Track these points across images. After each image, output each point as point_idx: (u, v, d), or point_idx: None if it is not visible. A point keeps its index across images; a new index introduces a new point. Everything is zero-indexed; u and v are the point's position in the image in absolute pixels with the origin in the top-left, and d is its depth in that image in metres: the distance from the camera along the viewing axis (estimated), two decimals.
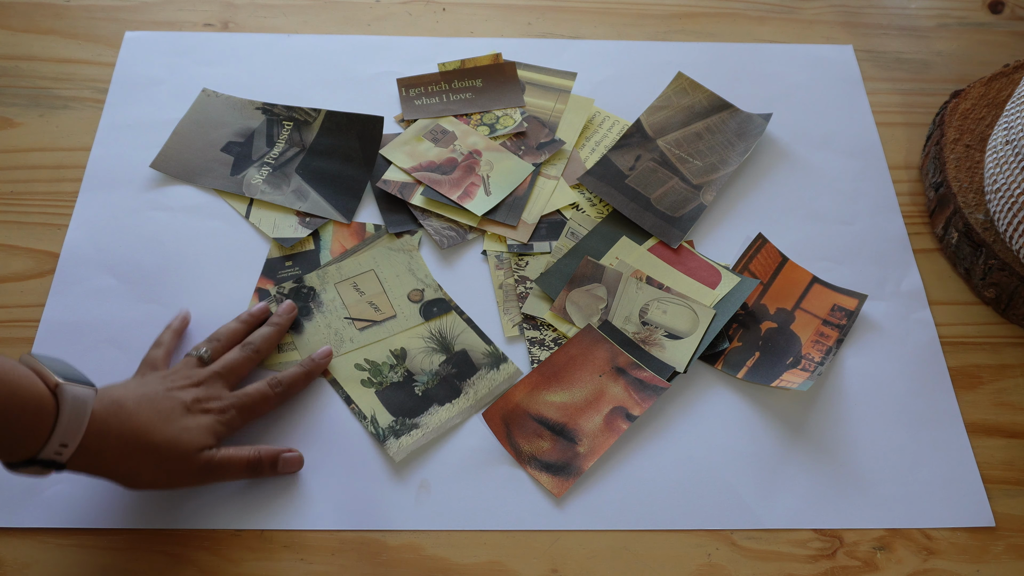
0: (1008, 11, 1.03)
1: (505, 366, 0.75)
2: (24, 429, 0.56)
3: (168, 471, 0.64)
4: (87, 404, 0.58)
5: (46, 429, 0.57)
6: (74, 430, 0.58)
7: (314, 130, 0.88)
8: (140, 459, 0.62)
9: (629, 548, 0.68)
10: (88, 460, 0.60)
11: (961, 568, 0.68)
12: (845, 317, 0.79)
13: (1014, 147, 0.77)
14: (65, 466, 0.59)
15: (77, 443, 0.58)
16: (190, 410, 0.66)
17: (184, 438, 0.64)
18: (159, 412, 0.64)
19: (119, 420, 0.61)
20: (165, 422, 0.63)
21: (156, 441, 0.62)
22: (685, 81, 0.93)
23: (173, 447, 0.63)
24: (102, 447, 0.60)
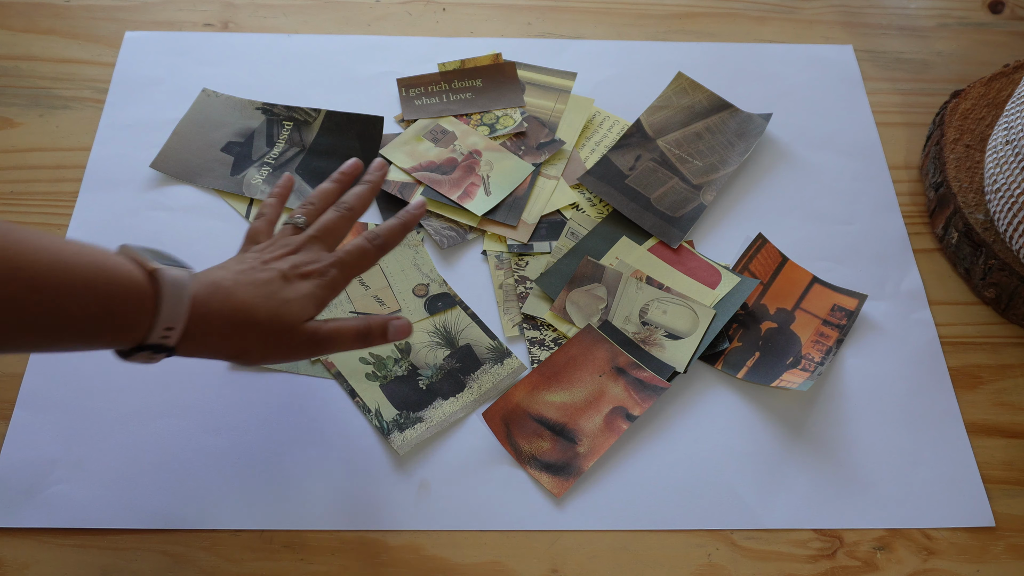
0: (1008, 11, 1.03)
1: (509, 361, 0.75)
2: (127, 316, 0.56)
3: (275, 345, 0.63)
4: (186, 286, 0.58)
5: (149, 314, 0.57)
6: (177, 313, 0.57)
7: (314, 130, 0.88)
8: (246, 336, 0.61)
9: (629, 548, 0.68)
10: (195, 343, 0.60)
11: (961, 568, 0.68)
12: (845, 317, 0.79)
13: (1014, 147, 0.77)
14: (175, 350, 0.59)
15: (182, 325, 0.58)
16: (288, 278, 0.64)
17: (285, 311, 0.62)
18: (258, 286, 0.62)
19: (219, 300, 0.61)
20: (265, 297, 0.62)
21: (258, 318, 0.61)
22: (685, 81, 0.93)
23: (276, 321, 0.62)
24: (207, 329, 0.60)
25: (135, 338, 0.57)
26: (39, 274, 0.52)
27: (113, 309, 0.55)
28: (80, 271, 0.54)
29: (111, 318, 0.55)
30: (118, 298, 0.55)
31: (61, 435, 0.71)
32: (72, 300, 0.54)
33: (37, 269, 0.52)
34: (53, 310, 0.53)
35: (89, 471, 0.69)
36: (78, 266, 0.54)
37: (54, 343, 0.55)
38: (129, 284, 0.56)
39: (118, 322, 0.56)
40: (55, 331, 0.54)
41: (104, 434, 0.71)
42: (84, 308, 0.54)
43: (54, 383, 0.73)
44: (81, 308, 0.54)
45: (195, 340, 0.59)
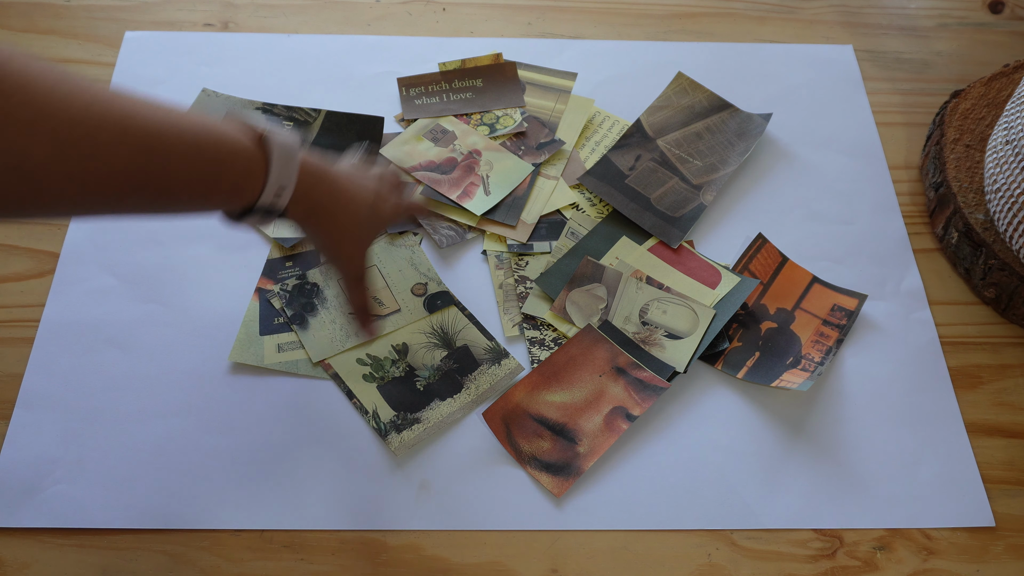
0: (1008, 11, 1.03)
1: (507, 361, 0.75)
2: (239, 177, 0.57)
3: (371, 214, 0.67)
4: (295, 148, 0.59)
5: (260, 175, 0.58)
6: (288, 172, 0.59)
7: (314, 130, 0.88)
8: (346, 205, 0.64)
9: (629, 548, 0.68)
10: (302, 207, 0.61)
11: (961, 568, 0.68)
12: (845, 317, 0.79)
13: (1014, 147, 0.77)
14: (285, 213, 0.61)
15: (293, 185, 0.59)
16: (376, 195, 0.68)
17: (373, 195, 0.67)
18: (355, 177, 0.67)
19: (325, 167, 0.63)
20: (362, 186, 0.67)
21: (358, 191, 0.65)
22: (685, 81, 0.93)
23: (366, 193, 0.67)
24: (313, 193, 0.61)
25: (247, 199, 0.58)
26: (148, 137, 0.52)
27: (223, 171, 0.56)
28: (190, 134, 0.54)
29: (222, 180, 0.56)
30: (228, 160, 0.56)
31: (61, 435, 0.71)
32: (182, 162, 0.54)
33: (146, 132, 0.52)
34: (164, 173, 0.53)
35: (89, 471, 0.69)
36: (188, 130, 0.54)
37: (166, 205, 0.55)
38: (239, 146, 0.57)
39: (229, 184, 0.57)
40: (166, 194, 0.54)
41: (104, 434, 0.71)
42: (195, 170, 0.54)
43: (54, 383, 0.73)
44: (192, 170, 0.54)
45: (301, 204, 0.61)
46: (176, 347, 0.75)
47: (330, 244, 0.66)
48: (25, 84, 0.46)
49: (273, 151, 0.58)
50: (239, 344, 0.75)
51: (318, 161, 0.63)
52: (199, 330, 0.76)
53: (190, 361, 0.75)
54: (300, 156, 0.60)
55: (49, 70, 0.49)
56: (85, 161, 0.49)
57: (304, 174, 0.60)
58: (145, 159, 0.52)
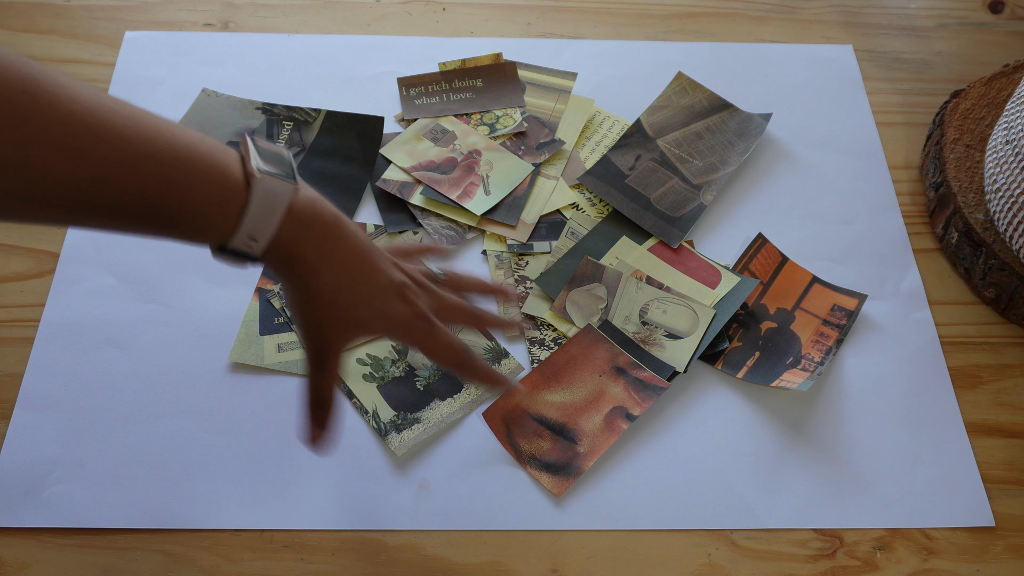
0: (1008, 11, 1.03)
1: (507, 361, 0.75)
2: (210, 214, 0.52)
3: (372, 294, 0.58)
4: (281, 201, 0.53)
5: (233, 219, 0.52)
6: (266, 222, 0.53)
7: (314, 130, 0.88)
8: (341, 268, 0.57)
9: (629, 548, 0.68)
10: (280, 254, 0.55)
11: (961, 568, 0.68)
12: (845, 317, 0.79)
13: (1014, 147, 0.77)
14: (261, 260, 0.55)
15: (267, 239, 0.54)
16: (394, 288, 0.59)
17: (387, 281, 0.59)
18: (370, 251, 0.59)
19: (334, 223, 0.56)
20: (373, 263, 0.58)
21: (364, 264, 0.58)
22: (685, 81, 0.93)
23: (377, 272, 0.58)
24: (303, 242, 0.55)
25: (218, 237, 0.53)
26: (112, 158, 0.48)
27: (190, 208, 0.51)
28: (165, 160, 0.50)
29: (188, 216, 0.52)
30: (199, 197, 0.51)
31: (61, 435, 0.71)
32: (146, 193, 0.49)
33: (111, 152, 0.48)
34: (123, 199, 0.49)
35: (89, 471, 0.69)
36: (162, 155, 0.50)
37: (122, 229, 0.52)
38: (216, 184, 0.52)
39: (196, 221, 0.52)
40: (123, 219, 0.50)
41: (104, 434, 0.71)
42: (158, 202, 0.50)
43: (54, 383, 0.73)
44: (155, 202, 0.50)
45: (279, 251, 0.55)
46: (176, 347, 0.75)
47: (297, 305, 0.58)
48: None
49: (254, 197, 0.52)
50: (239, 344, 0.75)
51: (327, 210, 0.56)
52: (199, 330, 0.76)
53: (190, 361, 0.75)
54: (290, 203, 0.54)
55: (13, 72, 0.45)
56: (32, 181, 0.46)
57: (296, 221, 0.54)
58: (105, 182, 0.48)
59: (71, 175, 0.47)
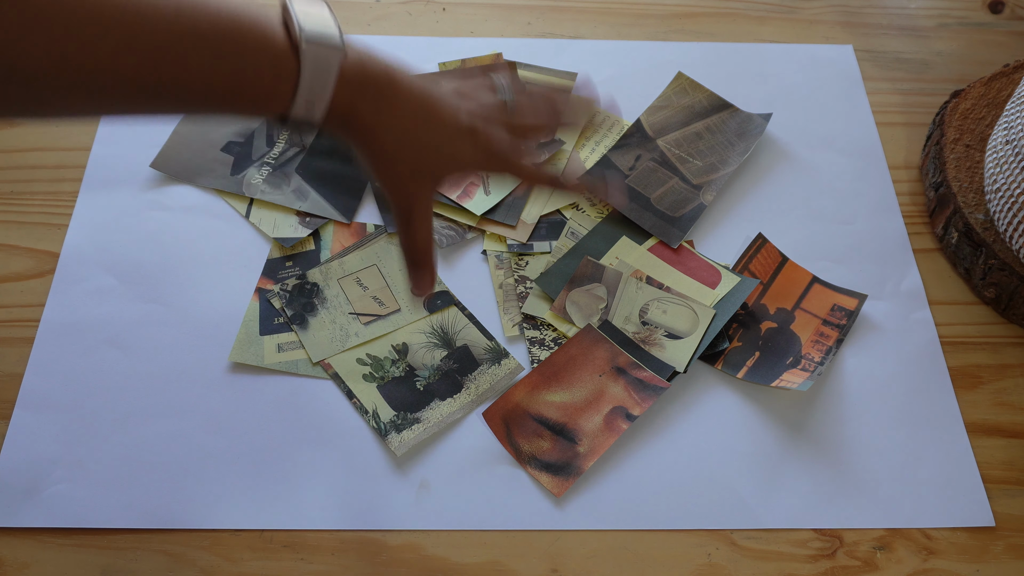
0: (1008, 11, 1.03)
1: (507, 361, 0.75)
2: (265, 89, 0.52)
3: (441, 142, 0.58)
4: (334, 55, 0.53)
5: (290, 87, 0.52)
6: (321, 85, 0.53)
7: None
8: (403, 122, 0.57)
9: (629, 548, 0.68)
10: (340, 119, 0.55)
11: (961, 568, 0.68)
12: (845, 317, 0.79)
13: (1014, 147, 0.77)
14: (322, 126, 0.55)
15: (328, 99, 0.54)
16: (463, 132, 0.59)
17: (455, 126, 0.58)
18: (432, 98, 0.58)
19: (388, 75, 0.56)
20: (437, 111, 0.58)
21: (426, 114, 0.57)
22: (685, 81, 0.93)
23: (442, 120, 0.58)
24: (361, 103, 0.55)
25: (278, 109, 0.53)
26: (162, 41, 0.47)
27: (245, 82, 0.51)
28: (212, 36, 0.49)
29: (244, 92, 0.51)
30: (252, 71, 0.51)
31: (61, 435, 0.71)
32: (199, 70, 0.49)
33: (159, 35, 0.47)
34: (178, 80, 0.49)
35: (89, 471, 0.69)
36: (209, 30, 0.49)
37: (187, 110, 0.52)
38: (267, 54, 0.51)
39: (252, 95, 0.52)
40: (184, 101, 0.50)
41: (104, 434, 0.71)
42: (214, 79, 0.50)
43: (54, 383, 0.73)
44: (211, 78, 0.50)
45: (339, 117, 0.55)
46: (176, 347, 0.75)
47: (368, 166, 0.58)
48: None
49: (305, 66, 0.52)
50: (239, 344, 0.75)
51: (378, 67, 0.56)
52: (199, 330, 0.76)
53: (190, 361, 0.75)
54: (340, 67, 0.53)
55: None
56: (89, 69, 0.45)
57: (347, 85, 0.54)
58: (156, 66, 0.47)
59: (121, 61, 0.47)
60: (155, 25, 0.47)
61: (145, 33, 0.47)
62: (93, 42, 0.45)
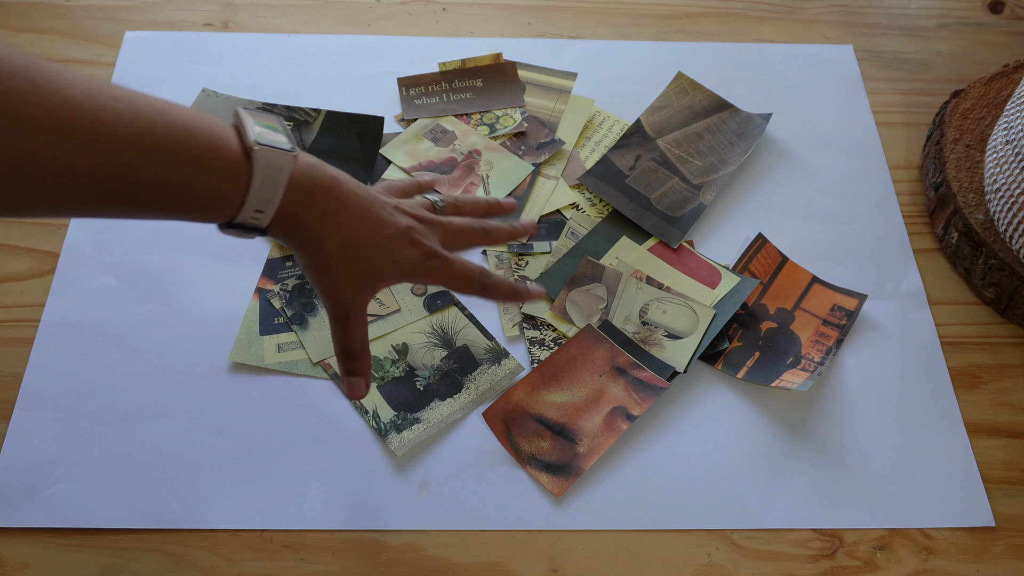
0: (1008, 11, 1.03)
1: (507, 361, 0.75)
2: (216, 191, 0.53)
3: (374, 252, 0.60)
4: (284, 170, 0.54)
5: (239, 193, 0.54)
6: (271, 193, 0.54)
7: (314, 130, 0.88)
8: (347, 228, 0.58)
9: (629, 548, 0.68)
10: (287, 224, 0.56)
11: (961, 568, 0.68)
12: (845, 317, 0.79)
13: (1014, 147, 0.77)
14: (267, 231, 0.56)
15: (276, 206, 0.55)
16: (400, 234, 0.61)
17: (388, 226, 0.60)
18: (372, 204, 0.60)
19: (324, 191, 0.57)
20: (375, 212, 0.59)
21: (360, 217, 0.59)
22: (685, 81, 0.93)
23: (382, 224, 0.59)
24: (307, 209, 0.56)
25: (225, 214, 0.54)
26: (118, 148, 0.48)
27: (197, 189, 0.52)
28: (167, 144, 0.50)
29: (195, 198, 0.53)
30: (204, 175, 0.52)
31: (61, 435, 0.71)
32: (153, 177, 0.50)
33: (116, 142, 0.48)
34: (132, 186, 0.50)
35: (89, 471, 0.69)
36: (164, 138, 0.50)
37: (137, 214, 0.52)
38: (219, 161, 0.53)
39: (204, 199, 0.53)
40: (135, 205, 0.51)
41: (104, 434, 0.71)
42: (167, 185, 0.51)
43: (54, 383, 0.73)
44: (164, 185, 0.51)
45: (285, 222, 0.56)
46: (176, 347, 0.75)
47: (310, 269, 0.60)
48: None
49: (257, 170, 0.54)
50: (239, 344, 0.75)
51: (325, 174, 0.58)
52: (199, 330, 0.76)
53: (190, 361, 0.75)
54: (291, 173, 0.55)
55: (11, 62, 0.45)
56: (45, 168, 0.46)
57: (297, 190, 0.56)
58: (113, 168, 0.49)
59: (79, 161, 0.47)
60: (113, 128, 0.48)
61: (103, 136, 0.48)
62: (51, 142, 0.46)
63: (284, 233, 0.57)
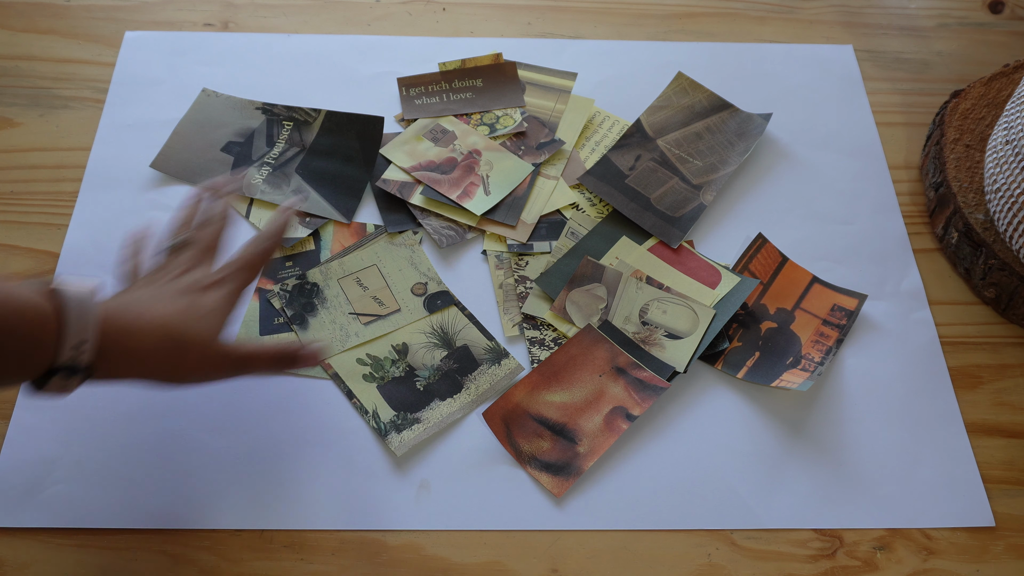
0: (1008, 11, 1.03)
1: (507, 361, 0.75)
2: (33, 339, 0.53)
3: (197, 362, 0.61)
4: (91, 298, 0.56)
5: (53, 333, 0.54)
6: (85, 325, 0.55)
7: (314, 130, 0.88)
8: (165, 353, 0.59)
9: (629, 548, 0.68)
10: (110, 363, 0.57)
11: (961, 568, 0.68)
12: (845, 317, 0.79)
13: (1014, 147, 0.77)
14: (91, 372, 0.56)
15: (94, 338, 0.55)
16: (197, 291, 0.62)
17: (203, 325, 0.61)
18: (174, 299, 0.61)
19: (134, 315, 0.59)
20: (183, 310, 0.60)
21: (177, 331, 0.59)
22: (685, 81, 0.93)
23: (194, 335, 0.60)
24: (121, 347, 0.57)
25: (44, 362, 0.54)
26: None
27: (12, 335, 0.53)
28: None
29: (13, 343, 0.53)
30: (16, 326, 0.53)
31: (61, 435, 0.71)
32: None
33: None
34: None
35: (89, 471, 0.69)
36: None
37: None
38: (28, 308, 0.53)
39: (23, 346, 0.53)
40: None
41: (104, 434, 0.71)
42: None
43: None
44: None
45: (110, 359, 0.57)
46: None
47: (156, 382, 0.61)
48: None
49: (68, 304, 0.54)
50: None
51: (123, 306, 0.59)
52: None
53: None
54: (98, 305, 0.56)
55: None
56: None
57: (107, 326, 0.56)
58: None
59: None
60: None
61: None
62: None
63: (112, 365, 0.57)
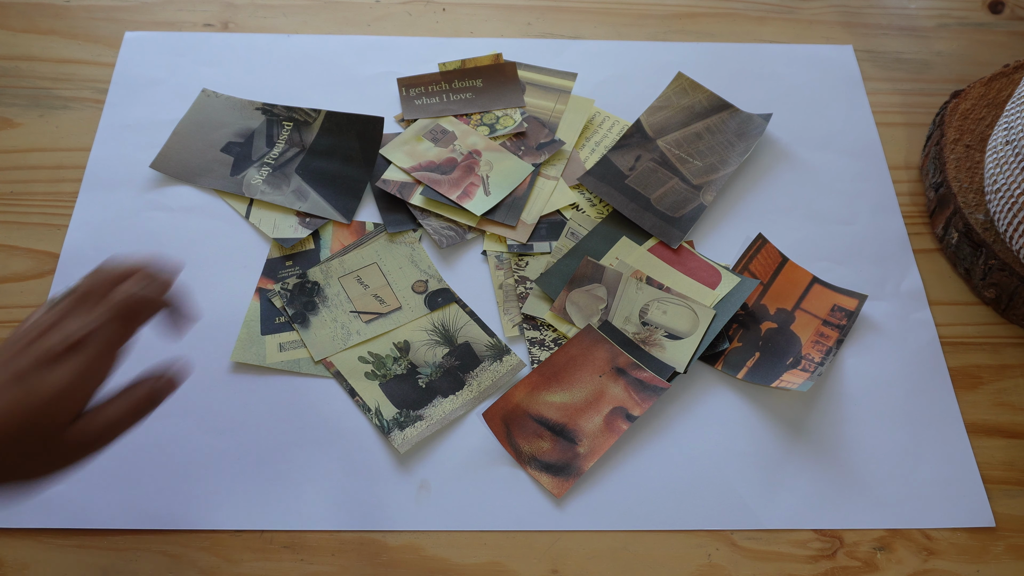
0: (1008, 11, 1.03)
1: (508, 358, 0.75)
2: None
3: (43, 465, 0.53)
4: None
5: None
6: None
7: (314, 130, 0.88)
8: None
9: (629, 548, 0.68)
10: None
11: (961, 568, 0.68)
12: (845, 317, 0.79)
13: (1014, 147, 0.77)
14: None
15: None
16: (32, 375, 0.53)
17: (38, 421, 0.52)
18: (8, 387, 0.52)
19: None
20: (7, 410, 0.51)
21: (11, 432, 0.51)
22: (685, 81, 0.93)
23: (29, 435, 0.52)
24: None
25: None
26: None
27: None
28: None
29: None
30: None
31: None
32: None
33: None
34: None
35: (89, 471, 0.69)
36: None
37: None
38: None
39: None
40: None
41: None
42: None
43: None
44: None
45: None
46: (177, 347, 0.75)
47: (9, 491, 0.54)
48: None
49: None
50: (240, 344, 0.75)
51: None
52: (200, 330, 0.76)
53: (191, 361, 0.75)
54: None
55: None
56: None
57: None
58: None
59: None
60: None
61: None
62: None
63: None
